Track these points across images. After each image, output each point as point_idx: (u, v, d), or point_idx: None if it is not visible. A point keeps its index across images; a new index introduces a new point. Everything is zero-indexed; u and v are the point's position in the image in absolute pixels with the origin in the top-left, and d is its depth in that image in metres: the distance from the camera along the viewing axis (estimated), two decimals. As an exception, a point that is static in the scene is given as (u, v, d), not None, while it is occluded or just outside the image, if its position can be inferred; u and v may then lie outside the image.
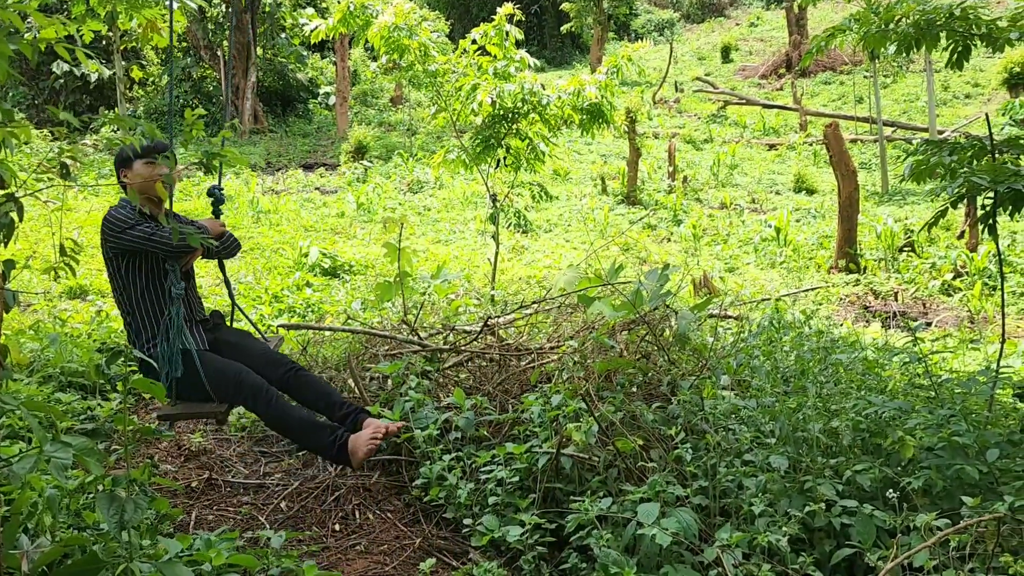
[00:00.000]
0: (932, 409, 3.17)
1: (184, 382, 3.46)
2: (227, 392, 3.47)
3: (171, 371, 3.41)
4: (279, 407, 3.48)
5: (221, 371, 3.48)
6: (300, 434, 3.53)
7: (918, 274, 9.15)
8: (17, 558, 2.25)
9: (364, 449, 3.41)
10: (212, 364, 3.48)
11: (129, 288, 3.52)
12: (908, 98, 20.42)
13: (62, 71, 17.90)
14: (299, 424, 3.49)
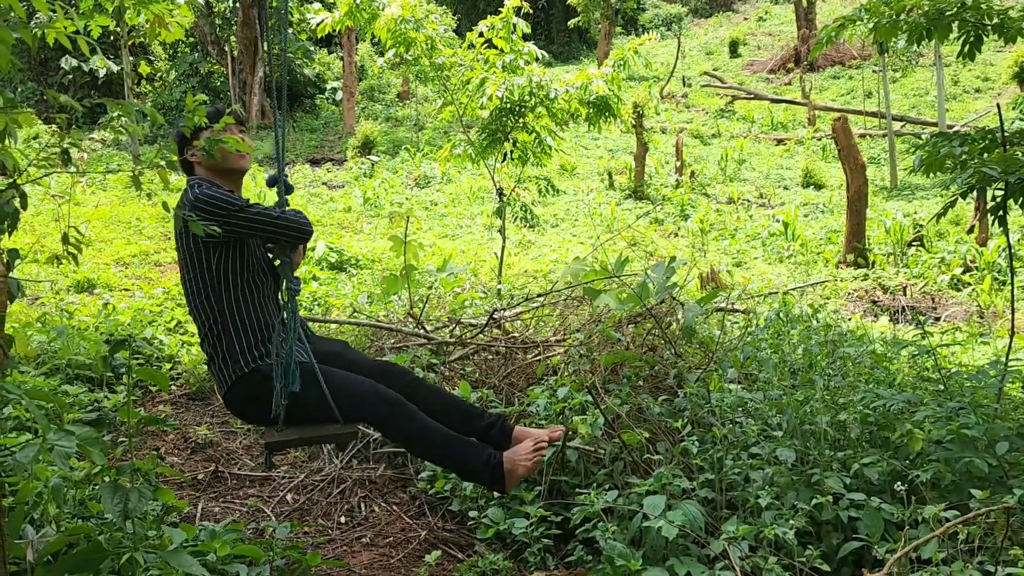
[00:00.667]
0: (941, 402, 3.14)
1: (299, 401, 2.75)
2: (357, 409, 2.81)
3: (289, 385, 2.70)
4: (422, 423, 2.81)
5: (349, 385, 2.81)
6: (446, 454, 2.85)
7: (927, 269, 9.10)
8: (22, 547, 2.26)
9: (525, 466, 2.80)
10: (336, 377, 2.82)
11: (225, 288, 2.79)
12: (917, 92, 20.31)
13: (70, 66, 17.95)
14: (445, 442, 2.83)
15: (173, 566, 2.09)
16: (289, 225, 2.77)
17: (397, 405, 2.80)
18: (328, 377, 2.78)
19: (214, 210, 2.66)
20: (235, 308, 2.80)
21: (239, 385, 2.78)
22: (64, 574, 2.22)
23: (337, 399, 2.76)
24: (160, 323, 5.78)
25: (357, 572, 3.11)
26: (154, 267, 8.14)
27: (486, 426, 2.97)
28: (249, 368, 2.77)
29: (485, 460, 2.81)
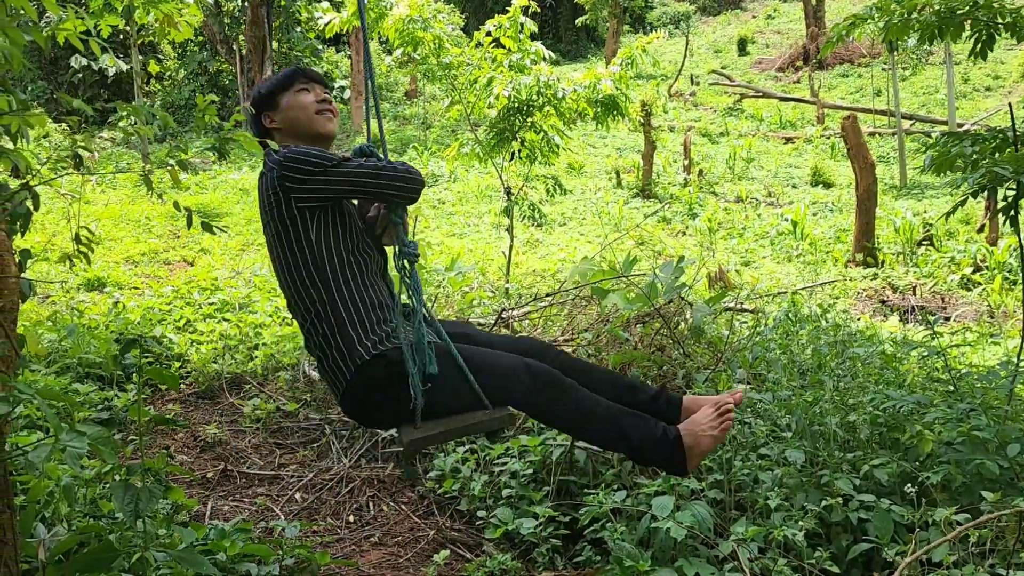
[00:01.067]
0: (951, 403, 3.13)
1: (436, 387, 2.33)
2: (506, 388, 2.38)
3: (425, 367, 2.29)
4: (582, 397, 2.39)
5: (493, 362, 2.40)
6: (614, 432, 2.41)
7: (937, 268, 9.06)
8: (34, 546, 2.27)
9: (710, 437, 2.38)
10: (476, 355, 2.40)
11: (329, 265, 2.35)
12: (927, 91, 20.21)
13: (80, 65, 18.01)
14: (612, 417, 2.41)
15: (184, 565, 2.10)
16: (397, 175, 2.33)
17: (552, 380, 2.38)
18: (467, 356, 2.35)
19: (307, 167, 2.28)
20: (343, 288, 2.34)
21: (360, 377, 2.32)
22: (76, 573, 2.23)
23: (481, 380, 2.34)
24: (169, 322, 5.80)
25: (366, 571, 3.12)
26: (163, 265, 8.17)
27: (652, 397, 2.53)
28: (370, 355, 2.31)
29: (660, 436, 2.37)
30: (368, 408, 2.41)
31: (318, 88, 2.57)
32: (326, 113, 2.55)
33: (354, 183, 2.33)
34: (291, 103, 2.53)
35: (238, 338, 5.42)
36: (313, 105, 2.53)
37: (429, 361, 2.29)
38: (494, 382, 2.36)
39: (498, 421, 2.40)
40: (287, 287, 2.40)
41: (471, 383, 2.33)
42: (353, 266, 2.38)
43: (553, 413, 2.43)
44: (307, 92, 2.55)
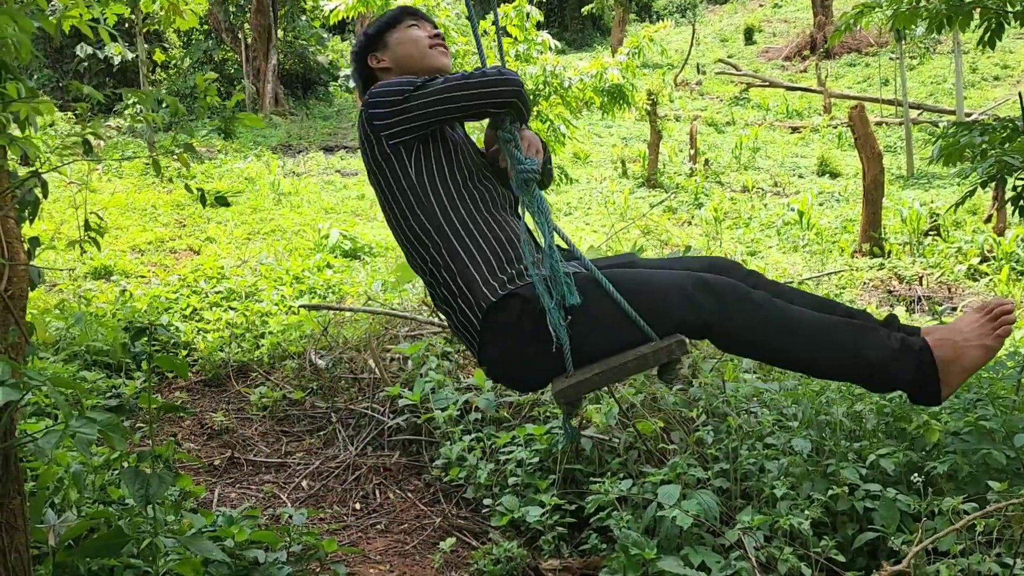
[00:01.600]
0: (958, 393, 3.12)
1: (585, 320, 1.94)
2: (674, 309, 1.95)
3: (566, 298, 1.92)
4: (786, 310, 1.96)
5: (653, 281, 2.01)
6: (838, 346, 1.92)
7: (944, 258, 9.03)
8: (44, 532, 2.29)
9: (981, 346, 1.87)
10: (630, 277, 2.02)
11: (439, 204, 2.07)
12: (935, 80, 20.09)
13: (86, 54, 18.00)
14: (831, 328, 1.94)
15: (193, 551, 2.11)
16: (487, 80, 2.02)
17: (736, 292, 1.95)
18: (616, 280, 1.97)
19: (390, 98, 2.06)
20: (460, 227, 2.06)
21: (490, 325, 2.00)
22: (85, 558, 2.25)
23: (639, 304, 1.93)
24: (176, 310, 5.81)
25: (372, 558, 3.14)
26: (169, 254, 8.18)
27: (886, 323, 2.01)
28: (498, 297, 1.99)
29: (901, 348, 1.87)
30: (510, 362, 2.06)
31: (428, 25, 2.37)
32: (439, 47, 2.32)
33: (442, 101, 2.04)
34: (401, 39, 2.31)
35: (244, 327, 5.44)
36: (425, 40, 2.31)
37: (568, 292, 1.91)
38: (656, 303, 1.94)
39: (666, 352, 1.94)
40: (400, 239, 2.15)
41: (626, 311, 1.92)
42: (468, 202, 2.09)
43: (745, 336, 1.96)
44: (417, 28, 2.34)
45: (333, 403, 4.42)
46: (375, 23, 2.40)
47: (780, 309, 1.95)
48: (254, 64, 20.29)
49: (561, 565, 2.93)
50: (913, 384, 1.89)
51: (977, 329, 1.87)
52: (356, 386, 4.49)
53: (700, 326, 1.96)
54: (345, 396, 4.45)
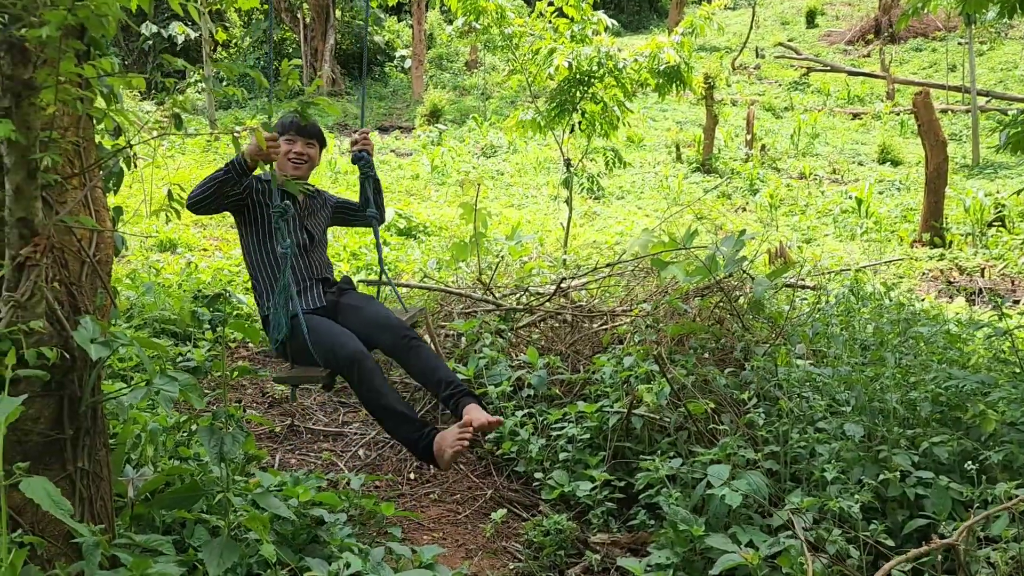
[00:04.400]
0: (1016, 384, 3.09)
1: (294, 346, 3.28)
2: (327, 359, 3.24)
3: (276, 333, 3.26)
4: (368, 388, 3.19)
5: (323, 337, 3.25)
6: (387, 423, 3.24)
7: (1008, 250, 8.80)
8: (123, 484, 2.43)
9: (450, 452, 3.04)
10: (317, 329, 3.27)
11: (245, 244, 3.51)
12: (1005, 67, 19.41)
13: (151, 33, 18.47)
14: (385, 412, 3.19)
15: (263, 507, 2.22)
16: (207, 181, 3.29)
17: (353, 364, 3.17)
18: (314, 328, 3.25)
19: None
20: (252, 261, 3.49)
21: (264, 324, 3.49)
22: (161, 510, 2.38)
23: (315, 348, 3.21)
24: (238, 283, 6.00)
25: (425, 526, 3.24)
26: (230, 229, 8.41)
27: (447, 396, 3.24)
28: (263, 312, 3.46)
29: (418, 438, 3.16)
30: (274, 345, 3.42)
31: (299, 141, 3.53)
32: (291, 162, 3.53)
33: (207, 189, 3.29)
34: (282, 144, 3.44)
35: (304, 300, 5.58)
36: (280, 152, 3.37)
37: (279, 329, 3.25)
38: (321, 353, 3.21)
39: (319, 379, 3.29)
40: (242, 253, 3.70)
41: (309, 349, 3.20)
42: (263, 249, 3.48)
43: (353, 388, 3.25)
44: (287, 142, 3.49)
45: (389, 376, 4.53)
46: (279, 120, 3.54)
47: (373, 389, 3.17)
48: (312, 44, 20.56)
49: (610, 539, 2.99)
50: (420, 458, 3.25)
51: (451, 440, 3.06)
52: (411, 360, 4.59)
53: (338, 373, 3.25)
54: (401, 370, 4.55)
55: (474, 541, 3.14)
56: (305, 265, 3.54)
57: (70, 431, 1.95)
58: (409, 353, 3.34)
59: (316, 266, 3.60)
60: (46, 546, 1.86)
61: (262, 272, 3.47)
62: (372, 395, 3.18)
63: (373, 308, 3.50)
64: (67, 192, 2.00)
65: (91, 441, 2.03)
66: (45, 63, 1.72)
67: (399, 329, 3.39)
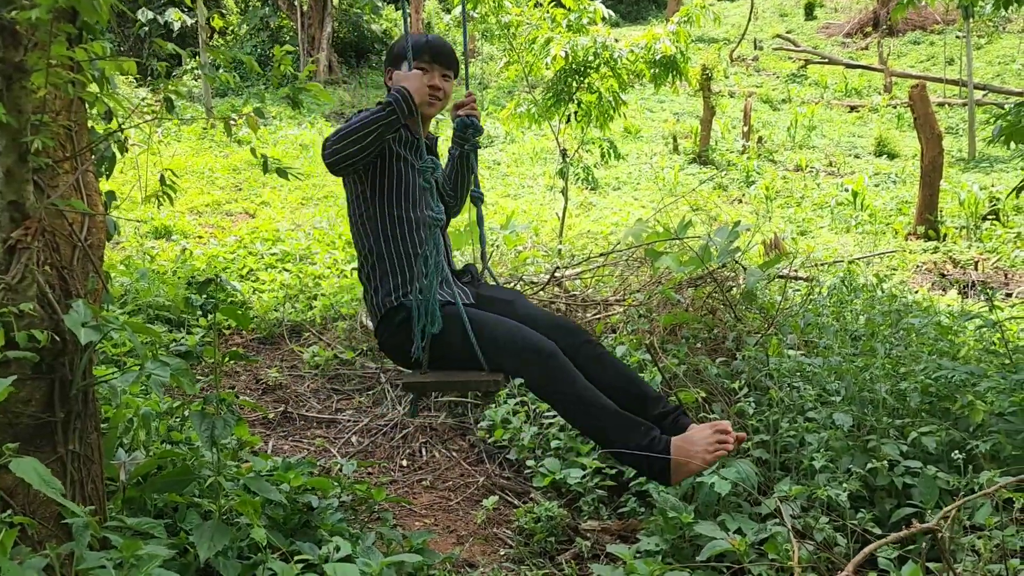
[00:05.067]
0: (1005, 375, 3.11)
1: (442, 342, 2.60)
2: (503, 356, 2.56)
3: (428, 326, 2.55)
4: (577, 385, 2.51)
5: (498, 330, 2.58)
6: (605, 426, 2.51)
7: (1002, 243, 8.82)
8: (115, 468, 2.44)
9: (703, 456, 2.42)
10: (488, 321, 2.61)
11: (368, 216, 2.74)
12: (1003, 60, 19.40)
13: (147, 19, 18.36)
14: (603, 413, 2.50)
15: (254, 490, 2.24)
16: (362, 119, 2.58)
17: (551, 358, 2.48)
18: (477, 320, 2.57)
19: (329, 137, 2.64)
20: (379, 238, 2.73)
21: (384, 319, 2.72)
22: (153, 494, 2.40)
23: (483, 343, 2.54)
24: (233, 270, 6.00)
25: (417, 512, 3.26)
26: (226, 216, 8.41)
27: (661, 414, 2.58)
28: (390, 306, 2.70)
29: (647, 443, 2.41)
30: (388, 348, 2.81)
31: (437, 72, 2.80)
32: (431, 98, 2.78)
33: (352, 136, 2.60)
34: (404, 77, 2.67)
35: (298, 288, 5.60)
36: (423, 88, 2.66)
37: (432, 321, 2.55)
38: (493, 347, 2.56)
39: (485, 384, 2.60)
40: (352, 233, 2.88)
41: (472, 344, 2.56)
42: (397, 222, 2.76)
43: (544, 389, 2.58)
44: (425, 72, 2.75)
45: (382, 364, 4.55)
46: (400, 44, 2.78)
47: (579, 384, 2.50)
48: (309, 32, 20.47)
49: (600, 526, 3.01)
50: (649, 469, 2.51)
51: (705, 443, 2.42)
52: (405, 348, 4.61)
53: (518, 373, 2.57)
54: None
55: (465, 527, 3.16)
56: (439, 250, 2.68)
57: (61, 414, 1.96)
58: (596, 361, 2.66)
59: (447, 249, 2.92)
60: (37, 527, 1.87)
61: (391, 248, 2.71)
62: (587, 394, 2.50)
63: (529, 304, 2.86)
64: (59, 176, 2.01)
65: (82, 424, 2.04)
66: (36, 46, 1.72)
67: (578, 331, 2.73)
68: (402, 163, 2.73)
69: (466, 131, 2.92)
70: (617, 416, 2.49)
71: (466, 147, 2.94)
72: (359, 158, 2.56)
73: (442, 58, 2.80)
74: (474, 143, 2.96)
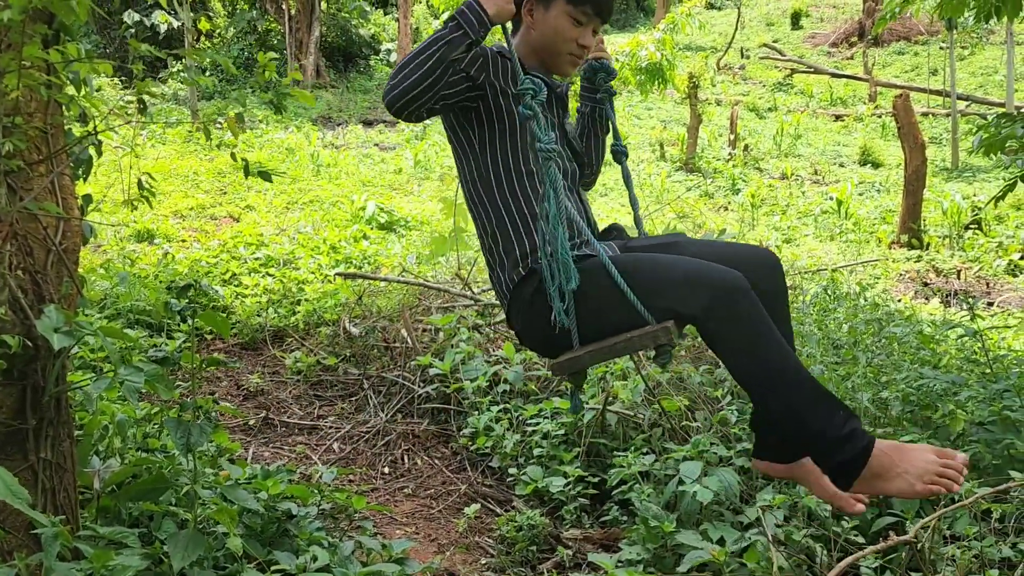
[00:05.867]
0: (986, 384, 3.12)
1: (587, 305, 1.99)
2: (672, 296, 1.92)
3: (564, 284, 1.96)
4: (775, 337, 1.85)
5: (658, 266, 1.98)
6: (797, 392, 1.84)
7: (983, 252, 8.89)
8: (89, 476, 2.40)
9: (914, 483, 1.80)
10: (639, 263, 2.01)
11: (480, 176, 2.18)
12: (986, 71, 19.60)
13: (133, 21, 18.27)
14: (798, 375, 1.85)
15: (230, 499, 2.21)
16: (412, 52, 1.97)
17: (736, 293, 1.85)
18: (627, 264, 1.99)
19: None
20: (508, 200, 2.15)
21: (515, 297, 2.13)
22: (128, 502, 2.36)
23: (638, 288, 1.93)
24: (216, 274, 5.95)
25: (398, 520, 3.23)
26: (210, 220, 8.35)
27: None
28: (519, 277, 2.12)
29: (847, 432, 1.81)
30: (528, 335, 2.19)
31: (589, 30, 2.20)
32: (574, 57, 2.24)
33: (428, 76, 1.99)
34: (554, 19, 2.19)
35: (281, 293, 5.56)
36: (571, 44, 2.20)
37: (565, 279, 1.96)
38: (658, 288, 1.93)
39: (652, 338, 1.94)
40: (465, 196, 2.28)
41: (626, 295, 1.93)
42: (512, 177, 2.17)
43: (734, 335, 1.87)
44: (580, 26, 2.19)
45: (365, 370, 4.52)
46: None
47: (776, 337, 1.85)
48: (297, 36, 20.42)
49: (582, 535, 2.99)
50: (837, 468, 1.84)
51: (923, 468, 1.81)
52: (388, 354, 4.59)
53: (688, 318, 1.94)
54: (377, 364, 4.55)
55: (447, 536, 3.13)
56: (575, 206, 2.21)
57: (32, 421, 1.93)
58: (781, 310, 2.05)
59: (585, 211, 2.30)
60: (6, 537, 1.83)
61: (512, 209, 2.13)
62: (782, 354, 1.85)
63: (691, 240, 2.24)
64: (33, 179, 1.98)
65: (55, 431, 2.01)
66: (9, 47, 1.69)
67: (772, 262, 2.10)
68: (513, 103, 2.13)
69: (596, 76, 2.43)
70: (816, 389, 1.85)
71: (598, 95, 2.44)
72: (426, 91, 1.96)
73: (605, 11, 2.21)
74: (607, 89, 2.45)
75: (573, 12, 2.16)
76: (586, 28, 2.19)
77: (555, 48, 2.21)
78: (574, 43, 2.20)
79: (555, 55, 2.22)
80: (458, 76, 2.03)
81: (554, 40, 2.20)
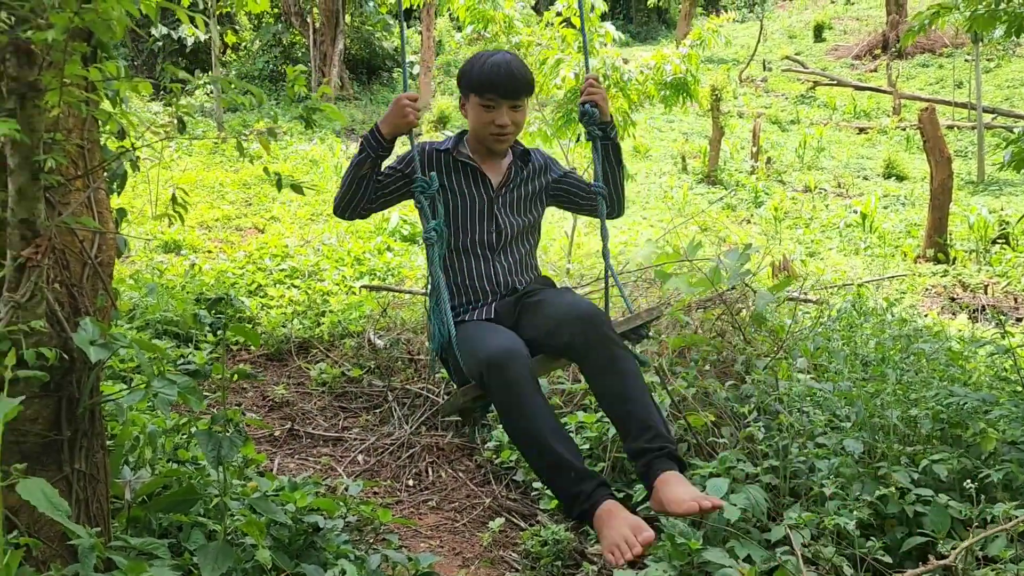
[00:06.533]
0: (1017, 402, 3.08)
1: (448, 363, 2.51)
2: (468, 364, 2.32)
3: (432, 341, 2.50)
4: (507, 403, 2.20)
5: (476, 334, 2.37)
6: (534, 460, 2.26)
7: (1012, 267, 8.78)
8: (120, 486, 2.43)
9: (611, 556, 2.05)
10: (465, 334, 2.40)
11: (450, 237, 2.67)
12: (1012, 84, 19.39)
13: (161, 35, 18.56)
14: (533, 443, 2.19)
15: (259, 511, 2.22)
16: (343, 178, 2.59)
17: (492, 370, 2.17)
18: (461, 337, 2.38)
19: None
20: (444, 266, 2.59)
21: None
22: (158, 513, 2.38)
23: (461, 355, 2.33)
24: (242, 286, 6.01)
25: (423, 533, 3.24)
26: (235, 231, 8.43)
27: (639, 450, 2.21)
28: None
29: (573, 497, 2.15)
30: None
31: (504, 108, 2.53)
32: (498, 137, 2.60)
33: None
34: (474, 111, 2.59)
35: (306, 304, 5.60)
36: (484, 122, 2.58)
37: (433, 339, 2.49)
38: (465, 355, 2.33)
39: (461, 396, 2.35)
40: None
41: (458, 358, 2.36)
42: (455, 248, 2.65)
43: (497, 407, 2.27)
44: (492, 110, 2.54)
45: (389, 382, 4.54)
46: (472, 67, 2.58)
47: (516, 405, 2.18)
48: (321, 48, 20.62)
49: (607, 551, 2.98)
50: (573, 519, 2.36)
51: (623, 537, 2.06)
52: (412, 367, 4.60)
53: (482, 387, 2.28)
54: (401, 376, 4.56)
55: (471, 550, 3.13)
56: (487, 272, 2.60)
57: (68, 433, 1.95)
58: (604, 364, 2.26)
59: (504, 272, 2.62)
60: (42, 547, 1.86)
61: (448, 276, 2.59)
62: (513, 414, 2.18)
63: (562, 297, 2.47)
64: (70, 193, 2.01)
65: (88, 443, 2.03)
66: (51, 65, 1.73)
67: (596, 323, 2.28)
68: (448, 194, 2.59)
69: (583, 119, 2.64)
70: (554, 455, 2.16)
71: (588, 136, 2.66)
72: (351, 203, 2.57)
73: (510, 92, 2.50)
74: (590, 132, 2.63)
75: (482, 101, 2.55)
76: (498, 110, 2.54)
77: (481, 132, 2.60)
78: (492, 124, 2.56)
79: (482, 137, 2.62)
80: (392, 177, 2.59)
81: (476, 125, 2.60)
